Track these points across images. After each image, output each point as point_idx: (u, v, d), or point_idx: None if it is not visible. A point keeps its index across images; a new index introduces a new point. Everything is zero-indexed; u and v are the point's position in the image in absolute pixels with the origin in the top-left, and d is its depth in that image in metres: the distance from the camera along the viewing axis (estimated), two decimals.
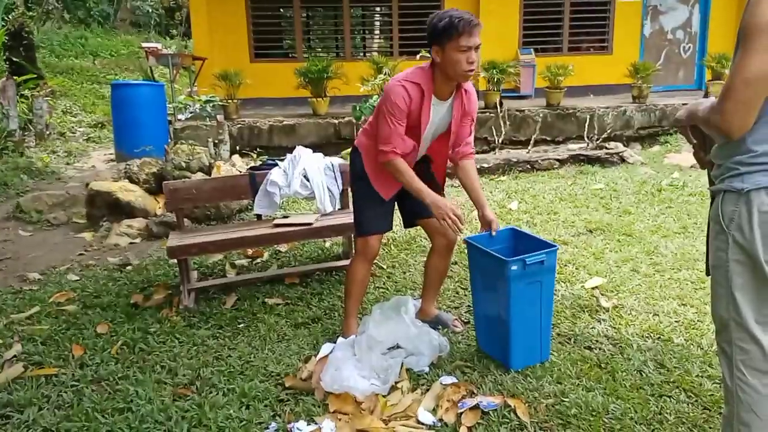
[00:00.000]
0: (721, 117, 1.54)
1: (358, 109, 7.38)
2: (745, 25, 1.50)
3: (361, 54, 10.94)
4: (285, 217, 4.11)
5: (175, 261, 3.76)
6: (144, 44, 10.54)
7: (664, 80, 10.51)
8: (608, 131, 8.24)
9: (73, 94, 12.08)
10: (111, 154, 8.34)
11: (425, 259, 4.15)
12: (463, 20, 2.51)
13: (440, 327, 3.13)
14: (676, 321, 3.23)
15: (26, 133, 8.66)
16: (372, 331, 2.83)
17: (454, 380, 2.67)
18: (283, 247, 4.55)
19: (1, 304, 3.72)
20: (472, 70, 2.61)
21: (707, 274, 1.81)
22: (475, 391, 2.58)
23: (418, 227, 3.17)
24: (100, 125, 10.44)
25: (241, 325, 3.32)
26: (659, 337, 3.06)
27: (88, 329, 3.30)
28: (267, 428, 2.39)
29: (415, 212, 3.02)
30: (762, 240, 1.57)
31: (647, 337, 3.07)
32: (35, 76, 10.38)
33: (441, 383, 2.65)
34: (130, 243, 4.99)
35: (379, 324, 2.88)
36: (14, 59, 10.53)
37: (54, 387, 2.74)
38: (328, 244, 4.60)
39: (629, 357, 2.85)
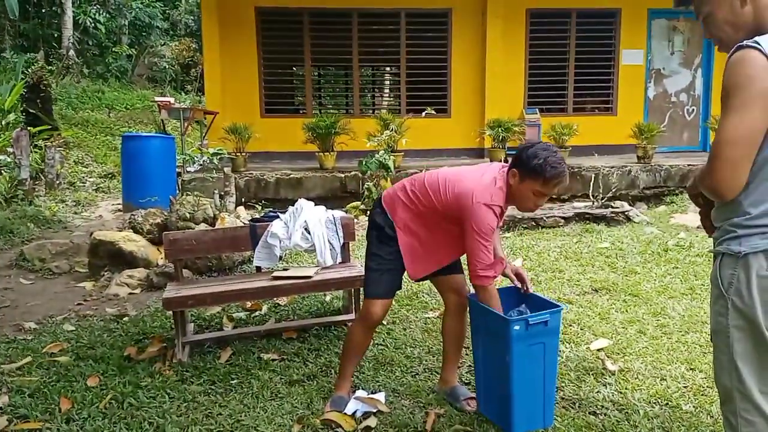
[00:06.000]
0: (709, 177, 1.53)
1: (364, 163, 7.47)
2: (724, 86, 1.54)
3: (370, 111, 11.15)
4: (285, 269, 4.07)
5: (171, 313, 3.71)
6: (157, 98, 10.82)
7: (669, 141, 10.59)
8: (613, 190, 8.23)
9: (86, 146, 12.30)
10: (119, 204, 8.41)
11: (426, 315, 4.12)
12: (556, 171, 2.44)
13: (451, 401, 2.96)
14: (684, 386, 3.11)
15: (37, 183, 8.78)
16: None
17: None
18: (282, 301, 4.49)
19: None
20: (533, 210, 2.69)
21: (711, 339, 1.74)
22: None
23: (422, 283, 3.09)
24: (110, 176, 10.59)
25: (234, 381, 3.23)
26: (667, 404, 2.94)
27: (79, 382, 3.22)
28: None
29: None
30: (762, 305, 1.51)
31: (654, 403, 2.95)
32: (50, 127, 10.62)
33: None
34: (130, 293, 4.95)
35: None
36: (31, 111, 10.81)
37: None
38: (328, 298, 4.54)
39: (636, 424, 2.74)
